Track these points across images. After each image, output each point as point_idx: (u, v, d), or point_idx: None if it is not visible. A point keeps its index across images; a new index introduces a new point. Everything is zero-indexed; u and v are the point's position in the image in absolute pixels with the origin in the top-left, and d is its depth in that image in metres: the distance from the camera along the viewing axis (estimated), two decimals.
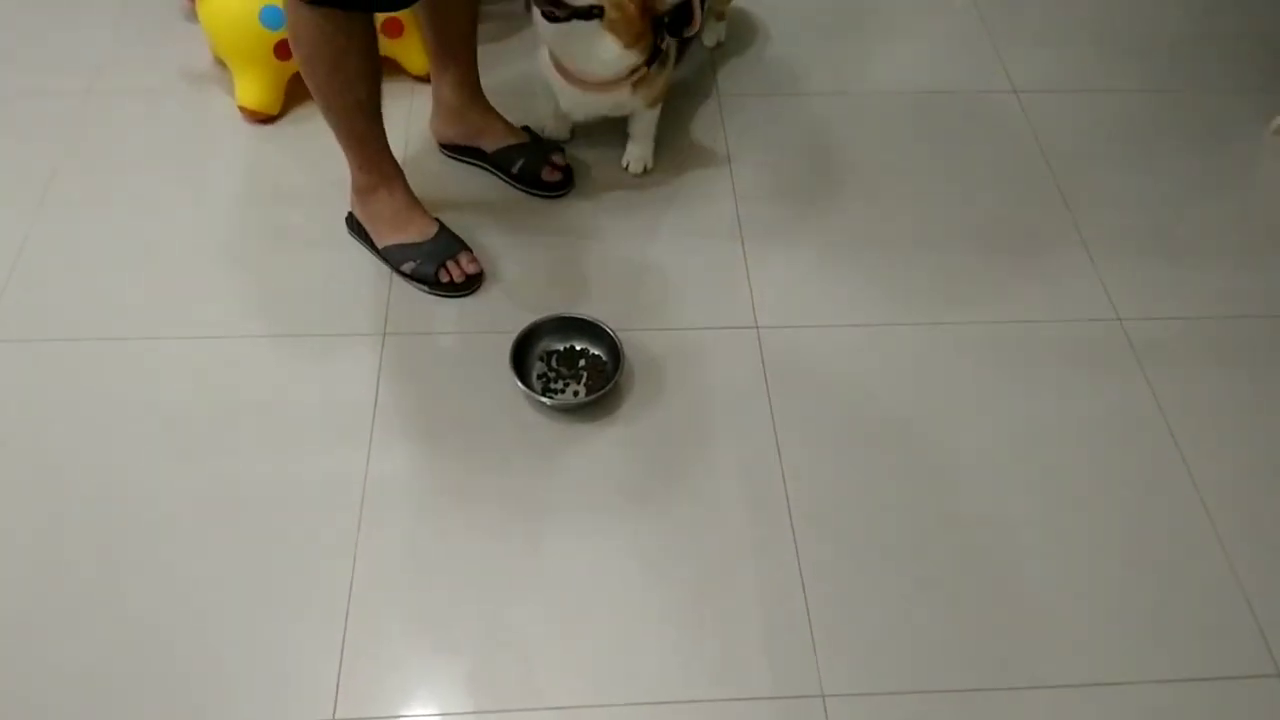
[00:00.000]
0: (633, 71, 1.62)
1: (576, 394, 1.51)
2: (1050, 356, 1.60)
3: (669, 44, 1.66)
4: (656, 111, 1.78)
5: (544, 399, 1.48)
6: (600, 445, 1.47)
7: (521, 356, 1.52)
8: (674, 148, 1.89)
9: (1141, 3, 2.26)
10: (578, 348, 1.56)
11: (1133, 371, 1.58)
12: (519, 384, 1.48)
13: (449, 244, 1.62)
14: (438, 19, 1.64)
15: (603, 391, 1.48)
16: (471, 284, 1.61)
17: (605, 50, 1.56)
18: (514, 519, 1.39)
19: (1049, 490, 1.44)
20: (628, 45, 1.55)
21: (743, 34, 2.09)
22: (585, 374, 1.53)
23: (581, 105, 1.71)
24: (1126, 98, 2.03)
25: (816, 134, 1.94)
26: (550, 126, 1.86)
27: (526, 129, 1.83)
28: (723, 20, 2.06)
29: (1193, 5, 2.27)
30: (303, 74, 1.47)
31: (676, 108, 1.95)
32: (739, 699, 1.24)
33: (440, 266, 1.60)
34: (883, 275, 1.69)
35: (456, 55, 1.70)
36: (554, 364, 1.54)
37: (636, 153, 1.83)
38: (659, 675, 1.26)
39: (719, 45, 2.06)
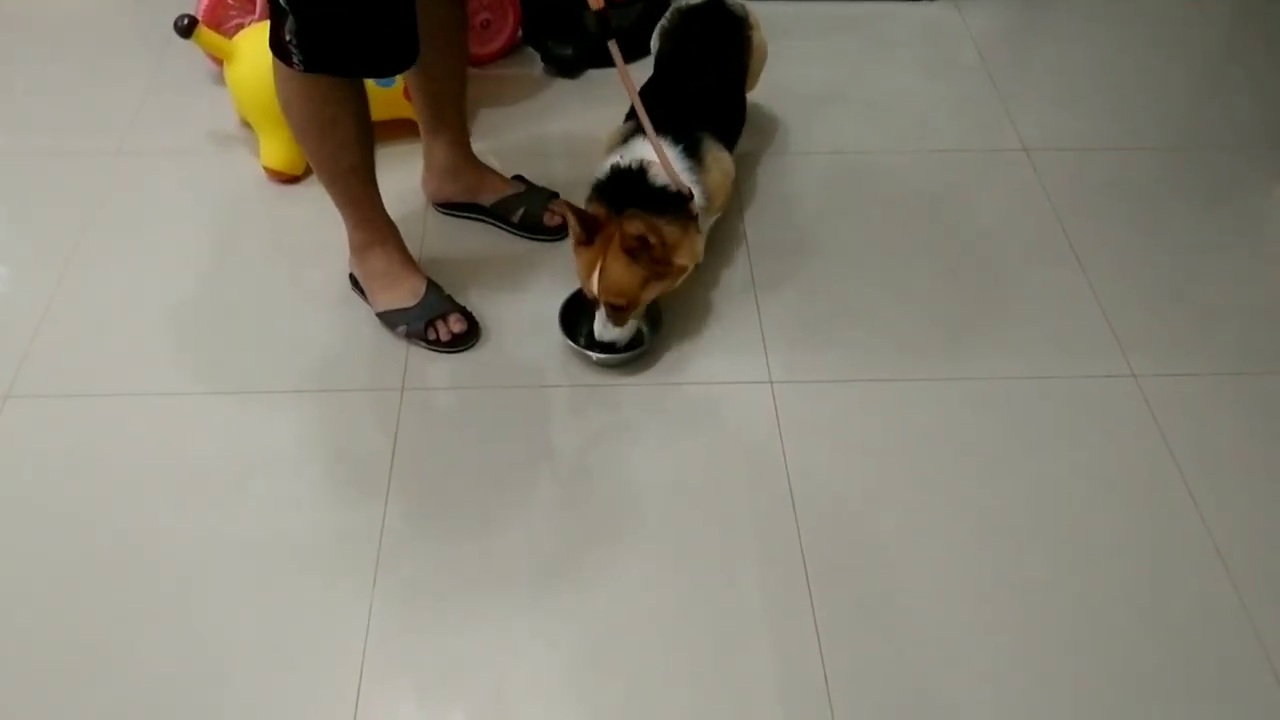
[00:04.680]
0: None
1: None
2: (1065, 413, 1.59)
3: (702, 185, 1.60)
4: (715, 215, 1.73)
5: (590, 354, 1.60)
6: (614, 500, 1.47)
7: (569, 320, 1.64)
8: None
9: (1149, 61, 2.29)
10: None
11: (1148, 428, 1.57)
12: (568, 342, 1.61)
13: (437, 304, 1.65)
14: (430, 85, 1.68)
15: (642, 349, 1.61)
16: (459, 342, 1.64)
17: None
18: (529, 574, 1.39)
19: (1065, 548, 1.43)
20: (679, 278, 1.58)
21: (754, 91, 2.12)
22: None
23: None
24: (1136, 155, 2.05)
25: (828, 191, 1.96)
26: None
27: (519, 178, 1.86)
28: None
29: (1200, 64, 2.30)
30: (296, 140, 1.52)
31: None
32: None
33: (429, 325, 1.63)
34: (896, 330, 1.70)
35: (448, 117, 1.74)
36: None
37: None
38: None
39: None
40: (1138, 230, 1.89)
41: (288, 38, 1.34)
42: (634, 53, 1.90)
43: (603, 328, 1.58)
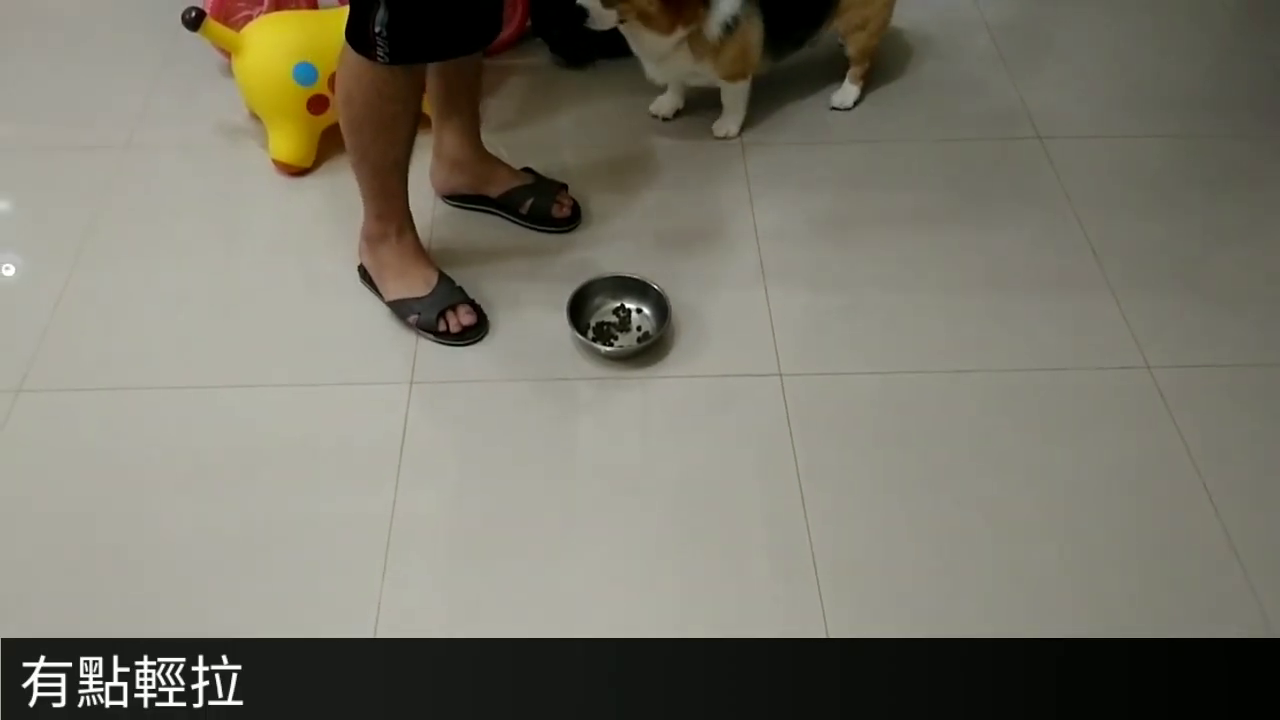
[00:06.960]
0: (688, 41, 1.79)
1: (622, 345, 1.63)
2: (1078, 404, 1.58)
3: (740, 16, 1.79)
4: (742, 86, 1.95)
5: (600, 347, 1.60)
6: (624, 493, 1.47)
7: (577, 313, 1.64)
8: (695, 191, 1.91)
9: (1164, 48, 2.26)
10: (629, 306, 1.68)
11: (1163, 420, 1.55)
12: (576, 335, 1.60)
13: (449, 295, 1.65)
14: (445, 70, 1.67)
15: (652, 340, 1.62)
16: (468, 335, 1.64)
17: (650, 42, 1.78)
18: (537, 569, 1.39)
19: (1078, 541, 1.42)
20: (665, 33, 1.74)
21: (763, 81, 2.10)
22: (638, 329, 1.66)
23: (660, 73, 1.92)
24: (1151, 143, 2.03)
25: (838, 180, 1.95)
26: (659, 104, 2.05)
27: (528, 170, 1.86)
28: (858, 84, 2.07)
29: (1217, 51, 2.27)
30: (346, 131, 1.52)
31: (698, 151, 1.98)
32: None
33: (440, 316, 1.63)
34: (907, 322, 1.69)
35: (461, 105, 1.74)
36: (607, 323, 1.67)
37: (721, 121, 2.01)
38: None
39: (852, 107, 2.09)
40: (1152, 219, 1.87)
41: (377, 29, 1.34)
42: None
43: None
